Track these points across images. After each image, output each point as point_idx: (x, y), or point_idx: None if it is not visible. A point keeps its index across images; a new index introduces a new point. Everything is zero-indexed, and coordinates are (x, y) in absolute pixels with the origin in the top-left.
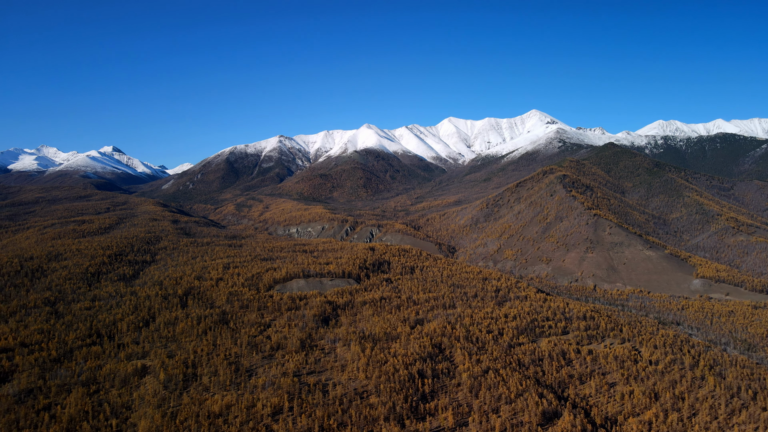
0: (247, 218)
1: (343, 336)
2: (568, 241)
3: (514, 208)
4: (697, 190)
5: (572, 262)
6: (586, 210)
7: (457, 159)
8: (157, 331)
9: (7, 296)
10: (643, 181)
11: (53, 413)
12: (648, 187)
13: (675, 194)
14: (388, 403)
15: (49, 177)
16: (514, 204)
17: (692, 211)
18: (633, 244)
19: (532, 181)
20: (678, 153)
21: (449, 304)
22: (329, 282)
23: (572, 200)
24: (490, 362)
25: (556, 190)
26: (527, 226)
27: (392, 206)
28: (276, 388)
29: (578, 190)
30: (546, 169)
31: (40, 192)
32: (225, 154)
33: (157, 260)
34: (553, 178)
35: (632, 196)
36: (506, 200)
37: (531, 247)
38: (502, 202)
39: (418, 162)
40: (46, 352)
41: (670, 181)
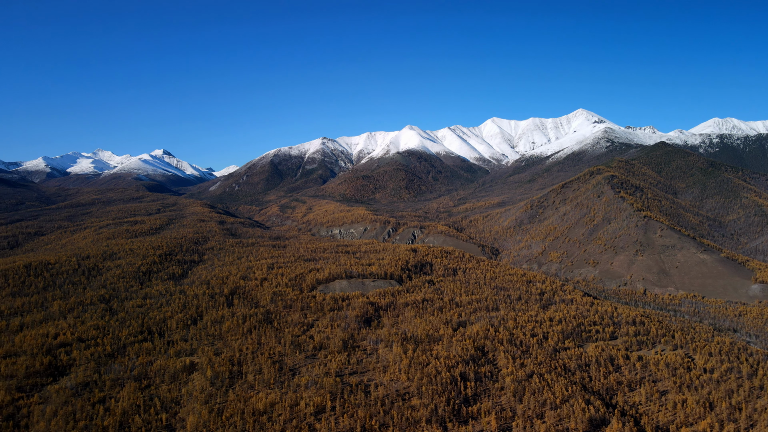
0: (290, 219)
1: (385, 337)
2: (617, 244)
3: (560, 209)
4: (755, 190)
5: (621, 265)
6: (636, 211)
7: (500, 160)
8: (204, 329)
9: (65, 293)
10: (697, 181)
11: (107, 406)
12: (702, 187)
13: (732, 195)
14: (430, 406)
15: (105, 179)
16: (559, 205)
17: (750, 213)
18: (686, 246)
19: (579, 182)
20: (735, 152)
21: (492, 306)
22: (371, 283)
23: (621, 201)
24: (534, 366)
25: (604, 191)
26: (573, 228)
27: (434, 208)
28: (319, 388)
29: (627, 190)
30: (593, 169)
31: (96, 194)
32: (269, 156)
33: (205, 260)
34: (601, 179)
35: (685, 197)
36: (551, 201)
37: (577, 250)
38: (546, 204)
39: (461, 163)
40: (101, 347)
41: (726, 182)
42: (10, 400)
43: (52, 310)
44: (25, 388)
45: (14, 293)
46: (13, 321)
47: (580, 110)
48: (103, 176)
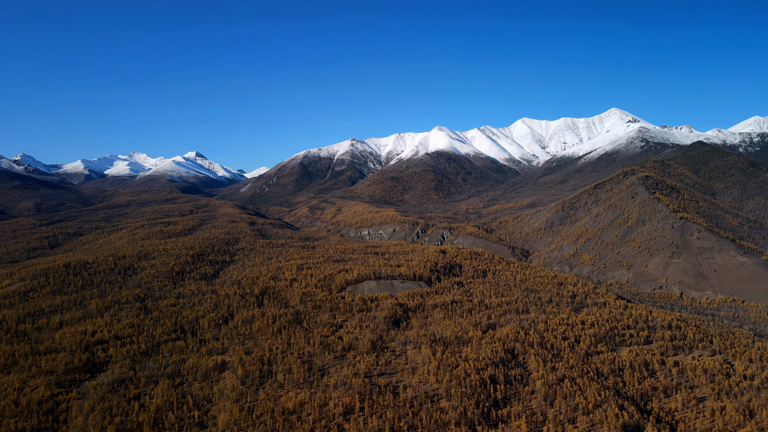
0: (319, 220)
1: (414, 339)
2: (651, 246)
3: (592, 210)
4: None
5: (656, 267)
6: (672, 213)
7: (530, 160)
8: (235, 328)
9: (102, 292)
10: (737, 182)
11: (142, 403)
12: (742, 188)
13: None
14: (459, 408)
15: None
16: (591, 206)
17: None
18: (725, 249)
19: (612, 183)
20: None
21: (522, 309)
22: (400, 284)
23: (656, 202)
24: (566, 370)
25: (638, 192)
26: (606, 230)
27: (464, 209)
28: (347, 388)
29: (663, 191)
30: (627, 170)
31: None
32: (299, 157)
33: (236, 260)
34: (635, 179)
35: (724, 198)
36: (583, 203)
37: (610, 252)
38: (578, 205)
39: (491, 164)
40: (136, 345)
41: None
42: (50, 395)
43: (90, 308)
44: (65, 383)
45: (54, 291)
46: (54, 318)
47: (614, 110)
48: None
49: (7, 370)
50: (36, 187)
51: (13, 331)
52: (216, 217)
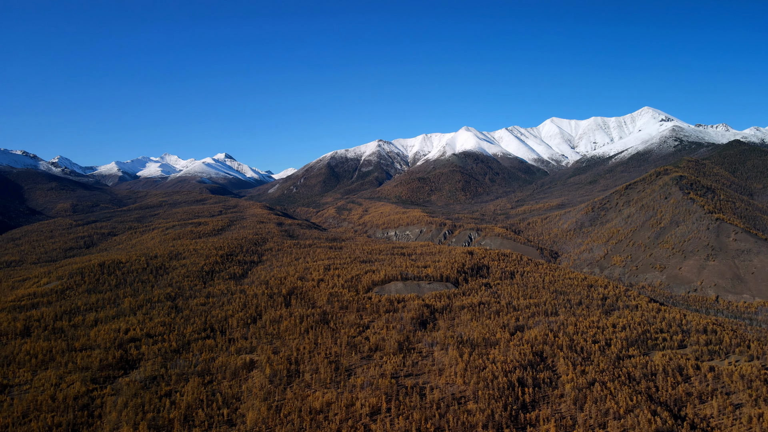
0: (346, 221)
1: (441, 340)
2: (686, 248)
3: (623, 211)
4: None
5: (690, 270)
6: (707, 214)
7: (559, 161)
8: (263, 327)
9: (135, 291)
10: None
11: (173, 400)
12: None
13: None
14: (486, 411)
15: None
16: (623, 207)
17: None
18: (763, 251)
19: (644, 183)
20: None
21: (551, 311)
22: (427, 285)
23: (690, 203)
24: (596, 374)
25: (672, 193)
26: (638, 231)
27: (491, 209)
28: (374, 389)
29: (697, 192)
30: (660, 170)
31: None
32: (326, 158)
33: (264, 260)
34: (668, 180)
35: (763, 198)
36: (614, 203)
37: (642, 254)
38: (609, 206)
39: (519, 164)
40: (167, 343)
41: None
42: (85, 391)
43: (123, 306)
44: (99, 379)
45: (89, 290)
46: (89, 316)
47: (646, 108)
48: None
49: (45, 366)
50: (72, 188)
51: (50, 328)
52: (245, 218)
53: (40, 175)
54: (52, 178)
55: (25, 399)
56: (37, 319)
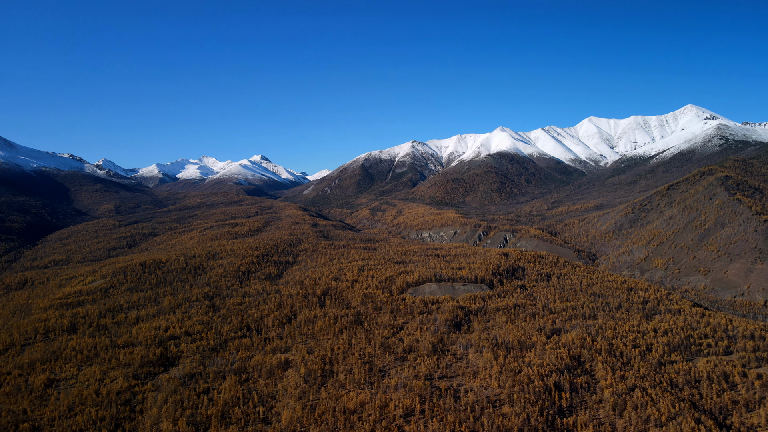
0: (380, 222)
1: (476, 342)
2: (732, 250)
3: (665, 212)
4: None
5: (736, 273)
6: (755, 215)
7: (598, 161)
8: (298, 327)
9: (174, 290)
10: None
11: (211, 397)
12: None
13: None
14: (522, 415)
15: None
16: (664, 208)
17: None
18: None
19: (687, 183)
20: None
21: (589, 314)
22: (461, 287)
23: (736, 204)
24: (636, 380)
25: (717, 193)
26: (680, 233)
27: (527, 211)
28: (408, 390)
29: (744, 192)
30: (704, 169)
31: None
32: (360, 160)
33: (299, 261)
34: (713, 180)
35: None
36: (655, 204)
37: (685, 256)
38: (650, 207)
39: (555, 165)
40: (205, 341)
41: None
42: (128, 387)
43: (163, 305)
44: (140, 376)
45: (131, 289)
46: (131, 314)
47: (689, 106)
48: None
49: (90, 362)
50: (115, 190)
51: (95, 325)
52: (280, 219)
53: (85, 177)
54: (96, 180)
55: (71, 393)
56: (82, 317)
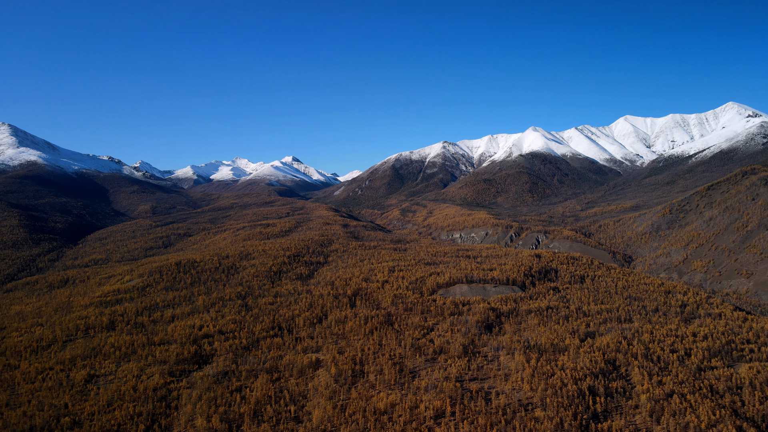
0: (411, 223)
1: (507, 344)
2: None
3: (705, 213)
4: None
5: None
6: None
7: (634, 161)
8: (328, 327)
9: (208, 289)
10: None
11: (243, 395)
12: None
13: None
14: (555, 419)
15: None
16: (704, 209)
17: None
18: None
19: (728, 183)
20: None
21: (625, 317)
22: (493, 288)
23: None
24: (674, 385)
25: (760, 193)
26: (721, 235)
27: (560, 212)
28: (438, 392)
29: None
30: (746, 169)
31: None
32: (391, 161)
33: (329, 261)
34: (756, 180)
35: None
36: (694, 205)
37: (726, 259)
38: (689, 207)
39: (589, 165)
40: (238, 340)
41: None
42: (163, 383)
43: (197, 304)
44: (176, 373)
45: (167, 288)
46: (167, 312)
47: (730, 104)
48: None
49: (128, 358)
50: (152, 191)
51: (132, 322)
52: (311, 219)
53: (123, 178)
54: (134, 181)
55: (110, 389)
56: (120, 314)
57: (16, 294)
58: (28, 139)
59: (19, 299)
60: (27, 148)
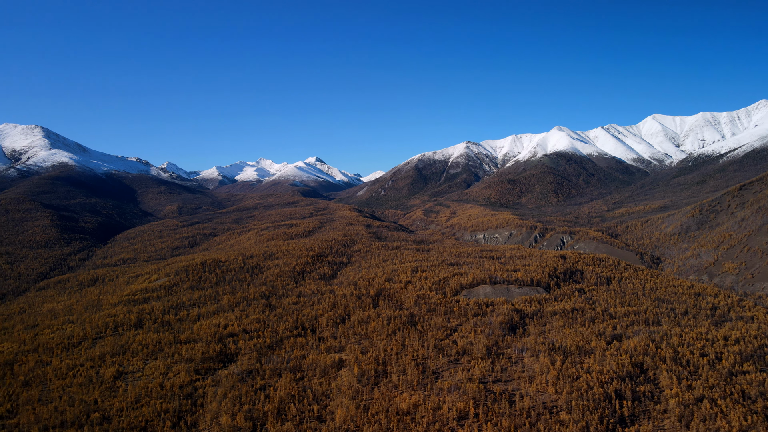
0: (434, 223)
1: (531, 346)
2: None
3: (737, 214)
4: None
5: None
6: None
7: (662, 160)
8: (351, 327)
9: (233, 288)
10: None
11: (267, 393)
12: None
13: None
14: (580, 422)
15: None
16: (736, 210)
17: None
18: None
19: (762, 183)
20: None
21: (653, 320)
22: (516, 290)
23: None
24: (704, 390)
25: None
26: (754, 236)
27: (585, 212)
28: (461, 393)
29: None
30: None
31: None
32: (414, 161)
33: (352, 262)
34: None
35: None
36: (726, 205)
37: (759, 261)
38: (720, 208)
39: (616, 164)
40: (262, 339)
41: None
42: (189, 381)
43: (222, 303)
44: (201, 371)
45: (193, 287)
46: (192, 311)
47: (763, 101)
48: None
49: (155, 356)
50: (178, 192)
51: (159, 321)
52: (334, 220)
53: (151, 179)
54: (161, 182)
55: (138, 385)
56: (148, 312)
57: (48, 292)
58: (59, 141)
59: (51, 297)
60: (59, 150)
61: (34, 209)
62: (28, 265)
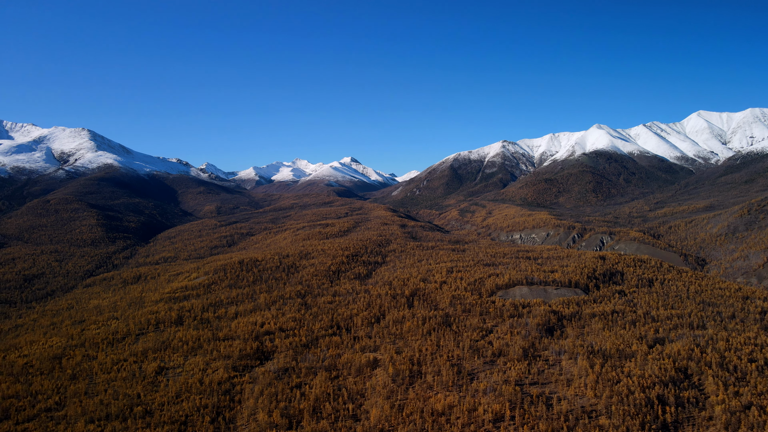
0: (469, 223)
1: (569, 348)
2: None
3: None
4: None
5: None
6: None
7: (708, 158)
8: (386, 327)
9: (270, 287)
10: None
11: (303, 391)
12: None
13: None
14: (621, 428)
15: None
16: None
17: None
18: None
19: None
20: None
21: (697, 323)
22: (554, 291)
23: None
24: (752, 397)
25: None
26: None
27: (626, 212)
28: (497, 395)
29: None
30: None
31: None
32: (449, 160)
33: (387, 261)
34: None
35: None
36: None
37: None
38: None
39: (658, 163)
40: (297, 337)
41: None
42: (227, 378)
43: (259, 301)
44: (239, 368)
45: (231, 285)
46: (230, 309)
47: None
48: (300, 183)
49: (194, 353)
50: (217, 192)
51: (198, 318)
52: (369, 219)
53: (190, 180)
54: (200, 182)
55: (178, 381)
56: (188, 310)
57: (94, 289)
58: (105, 143)
59: (97, 294)
60: (104, 152)
61: (81, 209)
62: (76, 263)
